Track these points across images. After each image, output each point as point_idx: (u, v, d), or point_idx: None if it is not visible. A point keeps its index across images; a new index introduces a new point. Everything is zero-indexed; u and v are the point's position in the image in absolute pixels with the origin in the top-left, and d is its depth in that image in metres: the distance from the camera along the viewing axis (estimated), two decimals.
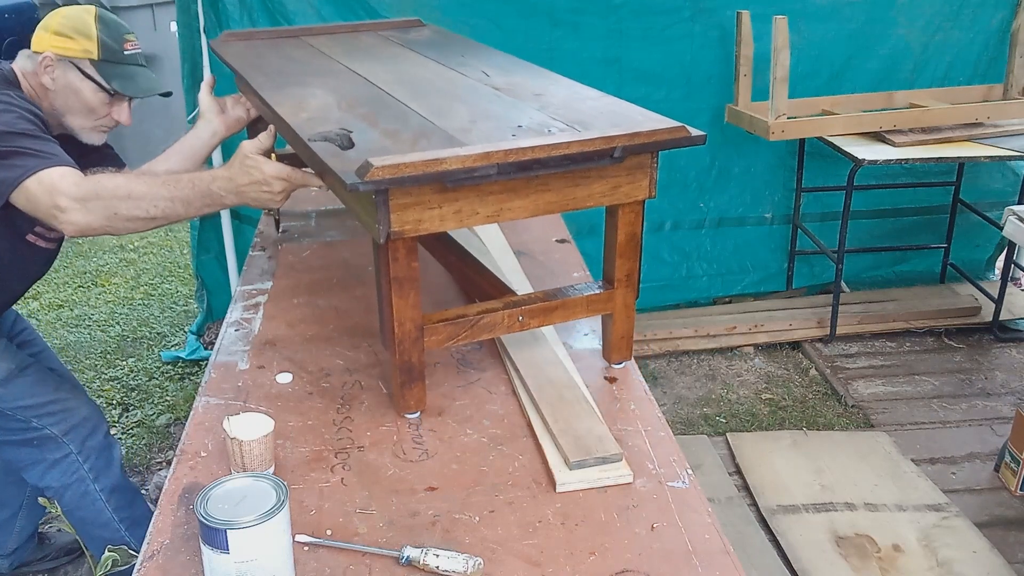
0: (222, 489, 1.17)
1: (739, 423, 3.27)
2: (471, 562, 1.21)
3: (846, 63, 3.66)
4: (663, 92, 3.55)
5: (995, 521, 2.73)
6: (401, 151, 1.41)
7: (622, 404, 1.60)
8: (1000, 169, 3.96)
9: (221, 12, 3.22)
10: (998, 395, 3.41)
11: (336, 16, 3.22)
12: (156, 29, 5.02)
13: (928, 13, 3.63)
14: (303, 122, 1.61)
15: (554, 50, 3.36)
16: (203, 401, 1.62)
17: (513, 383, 1.66)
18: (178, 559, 1.25)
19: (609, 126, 1.52)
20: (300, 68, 2.06)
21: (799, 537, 2.61)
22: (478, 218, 1.44)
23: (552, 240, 2.30)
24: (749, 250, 3.98)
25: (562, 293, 1.63)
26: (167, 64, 4.94)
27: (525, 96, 1.75)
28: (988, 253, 4.19)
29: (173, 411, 3.41)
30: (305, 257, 2.25)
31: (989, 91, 3.69)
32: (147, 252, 4.91)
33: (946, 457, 3.05)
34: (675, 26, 3.50)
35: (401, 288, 1.44)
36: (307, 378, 1.70)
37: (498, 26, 3.34)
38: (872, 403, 3.36)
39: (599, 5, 3.42)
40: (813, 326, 3.79)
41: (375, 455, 1.47)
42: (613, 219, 1.58)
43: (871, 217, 3.98)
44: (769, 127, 3.34)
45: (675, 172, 3.74)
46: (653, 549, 1.25)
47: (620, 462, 1.41)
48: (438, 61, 2.09)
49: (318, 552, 1.26)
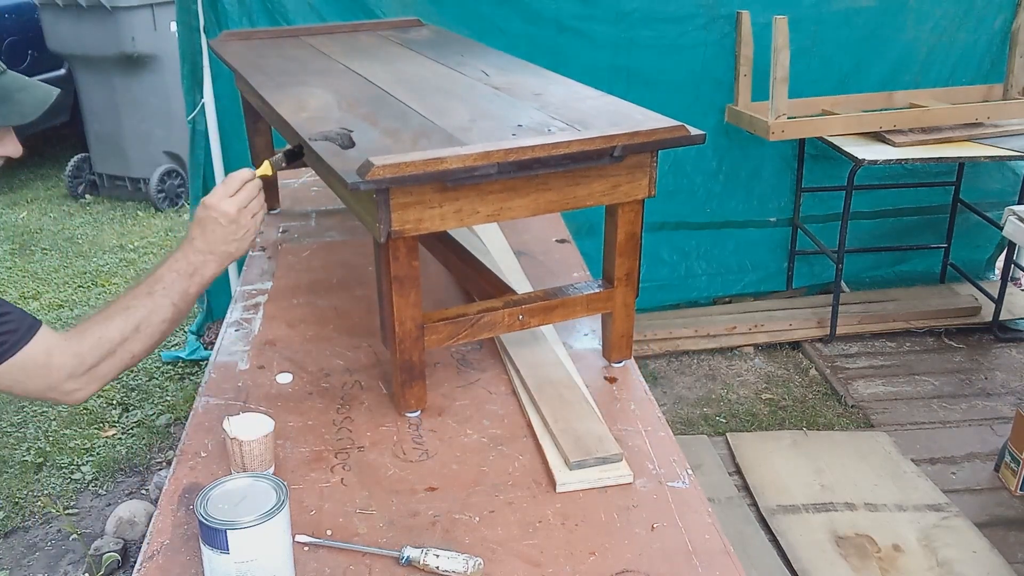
0: (222, 489, 1.17)
1: (739, 423, 3.27)
2: (471, 562, 1.20)
3: (855, 67, 3.66)
4: (670, 98, 3.52)
5: (995, 521, 2.73)
6: (401, 150, 1.41)
7: (622, 404, 1.60)
8: (1000, 169, 3.96)
9: (220, 12, 3.22)
10: (998, 395, 3.41)
11: (335, 16, 3.22)
12: (156, 29, 5.02)
13: (936, 15, 3.62)
14: (303, 121, 1.61)
15: (559, 56, 3.34)
16: (203, 401, 1.62)
17: (513, 383, 1.66)
18: (178, 559, 1.24)
19: (609, 125, 1.52)
20: (300, 68, 2.06)
21: (799, 537, 2.61)
22: (478, 217, 1.44)
23: (552, 240, 2.30)
24: (749, 250, 3.98)
25: (562, 292, 1.63)
26: (167, 64, 4.96)
27: (525, 95, 1.75)
28: (988, 253, 4.19)
29: (173, 411, 3.41)
30: (305, 257, 2.25)
31: (989, 91, 3.69)
32: (147, 252, 4.91)
33: (946, 457, 3.04)
34: (689, 34, 3.49)
35: (402, 287, 1.44)
36: (307, 378, 1.70)
37: (502, 31, 3.33)
38: (872, 403, 3.36)
39: (607, 12, 3.41)
40: (813, 326, 3.79)
41: (375, 455, 1.47)
42: (613, 218, 1.58)
43: (871, 217, 3.98)
44: (769, 127, 3.34)
45: (682, 178, 3.74)
46: (653, 549, 1.25)
47: (620, 462, 1.41)
48: (438, 61, 2.09)
49: (318, 552, 1.25)
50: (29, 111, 1.38)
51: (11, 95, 1.39)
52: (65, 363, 1.36)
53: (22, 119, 1.37)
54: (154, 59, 5.10)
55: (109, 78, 5.19)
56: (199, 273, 1.49)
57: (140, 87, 5.19)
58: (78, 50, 5.17)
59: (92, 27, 4.99)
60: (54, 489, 3.01)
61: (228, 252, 1.51)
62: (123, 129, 5.34)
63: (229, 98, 3.23)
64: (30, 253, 4.90)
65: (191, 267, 1.48)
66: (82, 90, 5.37)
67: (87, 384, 1.40)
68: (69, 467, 3.12)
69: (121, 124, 5.32)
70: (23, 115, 1.38)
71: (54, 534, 2.81)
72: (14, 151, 1.42)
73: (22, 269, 4.69)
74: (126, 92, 5.22)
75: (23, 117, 1.37)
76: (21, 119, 1.37)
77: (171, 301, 1.46)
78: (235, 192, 1.50)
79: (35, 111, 1.39)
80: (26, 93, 1.40)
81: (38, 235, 5.15)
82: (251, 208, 1.52)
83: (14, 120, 1.38)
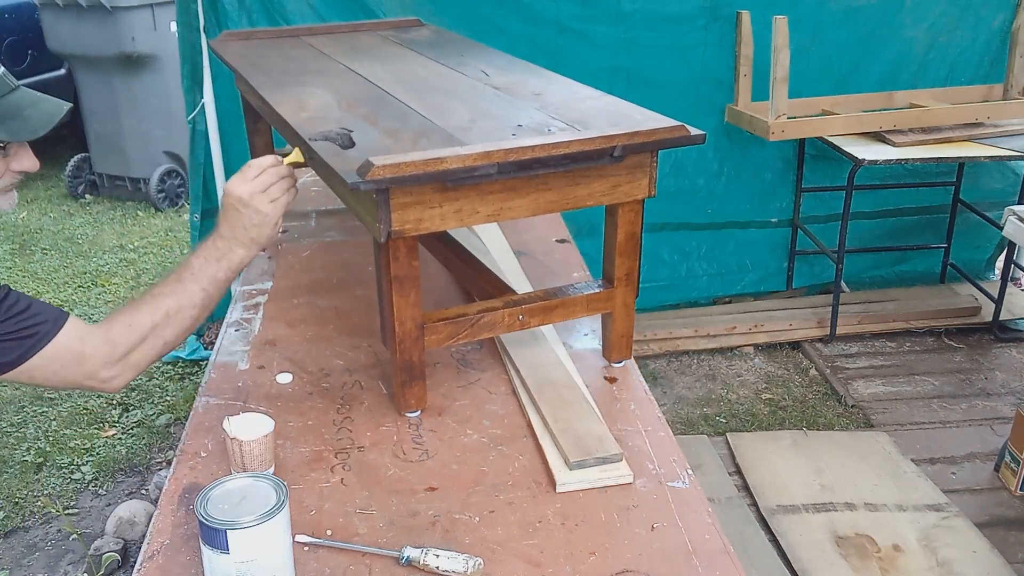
0: (222, 489, 1.17)
1: (739, 423, 3.27)
2: (471, 562, 1.20)
3: (853, 66, 3.66)
4: (671, 98, 3.51)
5: (995, 521, 2.73)
6: (402, 150, 1.41)
7: (622, 404, 1.60)
8: (1000, 169, 3.96)
9: (220, 12, 3.22)
10: (998, 395, 3.41)
11: (335, 16, 3.22)
12: (156, 29, 5.02)
13: (934, 15, 3.62)
14: (303, 121, 1.61)
15: (559, 57, 3.33)
16: (203, 401, 1.62)
17: (513, 383, 1.66)
18: (178, 559, 1.24)
19: (609, 125, 1.52)
20: (300, 67, 2.06)
21: (799, 537, 2.61)
22: (478, 217, 1.44)
23: (552, 240, 2.30)
24: (749, 250, 3.98)
25: (562, 292, 1.63)
26: (167, 64, 4.96)
27: (524, 95, 1.75)
28: (988, 253, 4.19)
29: (173, 411, 3.41)
30: (305, 257, 2.25)
31: (989, 91, 3.69)
32: (147, 252, 4.91)
33: (946, 457, 3.04)
34: (689, 34, 3.48)
35: (402, 287, 1.44)
36: (307, 378, 1.70)
37: (502, 31, 3.33)
38: (872, 403, 3.36)
39: (607, 12, 3.40)
40: (813, 326, 3.79)
41: (375, 455, 1.47)
42: (613, 218, 1.58)
43: (871, 217, 3.98)
44: (769, 127, 3.34)
45: (683, 178, 3.74)
46: (653, 549, 1.25)
47: (620, 462, 1.41)
48: (438, 61, 2.09)
49: (318, 552, 1.25)
50: (38, 126, 1.39)
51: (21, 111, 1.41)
52: (98, 351, 1.38)
53: (32, 135, 1.38)
54: (154, 59, 5.10)
55: (109, 78, 5.19)
56: (226, 258, 1.50)
57: (140, 87, 5.19)
58: (78, 50, 5.17)
59: (92, 27, 4.99)
60: (54, 489, 3.01)
61: (251, 237, 1.51)
62: (123, 129, 5.34)
63: (229, 98, 3.22)
64: (30, 253, 4.90)
65: (218, 252, 1.50)
66: (82, 90, 5.37)
67: (123, 371, 1.42)
68: (69, 467, 3.12)
69: (121, 124, 5.32)
70: (33, 131, 1.39)
71: (54, 534, 2.81)
72: (31, 166, 1.44)
73: (22, 269, 4.69)
74: (126, 92, 5.22)
75: (33, 133, 1.38)
76: (31, 135, 1.38)
77: (200, 287, 1.48)
78: (253, 177, 1.50)
79: (45, 127, 1.40)
80: (36, 109, 1.41)
81: (38, 235, 5.15)
82: (270, 193, 1.50)
83: (24, 136, 1.40)
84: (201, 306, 1.49)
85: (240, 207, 1.49)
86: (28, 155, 1.45)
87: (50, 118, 1.41)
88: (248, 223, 1.50)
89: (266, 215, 1.50)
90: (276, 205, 1.51)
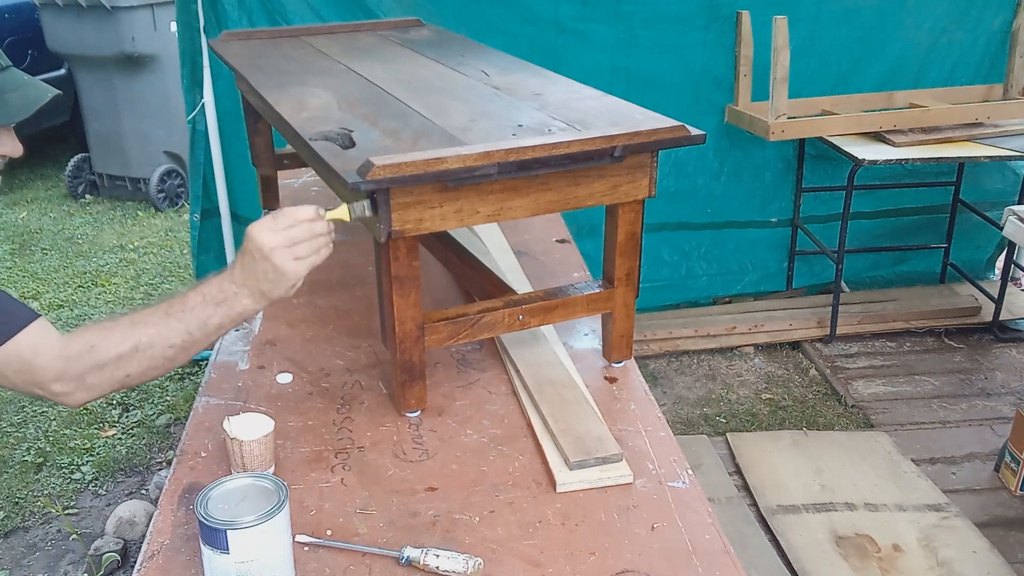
0: (222, 489, 1.17)
1: (739, 423, 3.27)
2: (471, 562, 1.20)
3: (853, 66, 3.66)
4: (671, 98, 3.51)
5: (995, 521, 2.73)
6: (402, 150, 1.41)
7: (622, 404, 1.60)
8: (1000, 169, 3.96)
9: (220, 12, 3.22)
10: (998, 395, 3.41)
11: (335, 16, 3.22)
12: (156, 29, 5.02)
13: (935, 15, 3.62)
14: (304, 121, 1.61)
15: (559, 57, 3.33)
16: (203, 401, 1.62)
17: (513, 383, 1.66)
18: (178, 559, 1.24)
19: (609, 125, 1.52)
20: (300, 67, 2.06)
21: (799, 537, 2.61)
22: (479, 217, 1.44)
23: (552, 240, 2.30)
24: (749, 250, 3.98)
25: (562, 292, 1.63)
26: (167, 64, 4.96)
27: (525, 95, 1.75)
28: (988, 253, 4.19)
29: (173, 411, 3.41)
30: None
31: (989, 91, 3.69)
32: (147, 252, 4.91)
33: (946, 457, 3.04)
34: (688, 34, 3.48)
35: (402, 287, 1.44)
36: (307, 378, 1.70)
37: (502, 31, 3.33)
38: (872, 403, 3.36)
39: (607, 13, 3.40)
40: (813, 326, 3.79)
41: (375, 455, 1.47)
42: (613, 218, 1.58)
43: (871, 217, 3.98)
44: (769, 127, 3.34)
45: (683, 179, 3.74)
46: (653, 549, 1.25)
47: (620, 462, 1.41)
48: (438, 61, 2.09)
49: (318, 552, 1.25)
50: (17, 111, 1.31)
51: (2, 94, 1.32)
52: (51, 365, 1.27)
53: (9, 120, 1.31)
54: (154, 59, 5.10)
55: (109, 78, 5.19)
56: (227, 304, 1.34)
57: (140, 87, 5.19)
58: (78, 50, 5.17)
59: (92, 27, 4.99)
60: (54, 489, 3.01)
61: (261, 291, 1.34)
62: (123, 129, 5.34)
63: (229, 98, 3.22)
64: (30, 253, 4.90)
65: (221, 295, 1.34)
66: (82, 90, 5.37)
67: (78, 390, 1.31)
68: (69, 467, 3.12)
69: (121, 124, 5.32)
70: (10, 116, 1.31)
71: (54, 534, 2.81)
72: (13, 150, 1.35)
73: (22, 269, 4.69)
74: (126, 92, 5.22)
75: (9, 117, 1.31)
76: (8, 120, 1.31)
77: (185, 328, 1.32)
78: (283, 228, 1.32)
79: (24, 111, 1.32)
80: (18, 92, 1.33)
81: (38, 235, 5.15)
82: (296, 251, 1.32)
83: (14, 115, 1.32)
84: (180, 347, 1.33)
85: (259, 256, 1.32)
86: (12, 139, 1.35)
87: (29, 103, 1.33)
88: (262, 275, 1.32)
89: (284, 273, 1.32)
90: (300, 264, 1.33)
